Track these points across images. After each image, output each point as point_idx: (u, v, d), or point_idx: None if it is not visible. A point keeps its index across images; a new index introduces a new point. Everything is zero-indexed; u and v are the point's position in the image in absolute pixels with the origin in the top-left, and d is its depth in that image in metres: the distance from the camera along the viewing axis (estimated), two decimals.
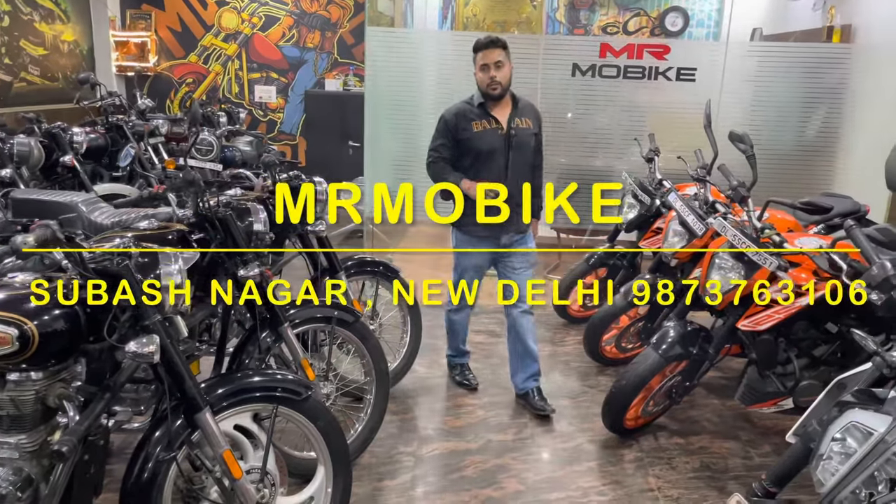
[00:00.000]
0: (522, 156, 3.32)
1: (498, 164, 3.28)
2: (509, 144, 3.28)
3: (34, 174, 4.80)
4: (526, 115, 3.34)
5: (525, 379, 3.55)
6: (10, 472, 1.87)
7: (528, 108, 3.40)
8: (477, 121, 3.28)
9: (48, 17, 7.60)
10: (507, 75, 3.23)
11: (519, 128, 3.30)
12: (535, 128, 3.37)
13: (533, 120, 3.37)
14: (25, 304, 1.81)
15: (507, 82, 3.24)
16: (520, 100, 3.36)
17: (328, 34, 8.61)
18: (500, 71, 3.20)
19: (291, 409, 2.22)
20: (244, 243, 2.60)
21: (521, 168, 3.32)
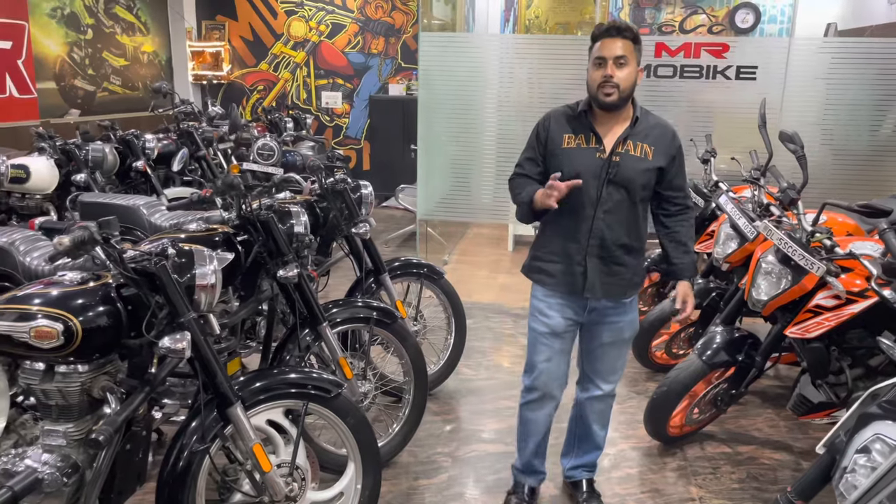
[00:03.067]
0: (622, 194, 2.35)
1: (585, 199, 2.36)
2: (606, 175, 2.34)
3: (109, 179, 5.10)
4: (647, 139, 2.36)
5: (576, 467, 2.82)
6: (58, 458, 2.00)
7: (657, 131, 2.38)
8: (571, 133, 2.40)
9: (129, 30, 8.04)
10: (629, 78, 2.28)
11: (627, 154, 2.34)
12: (657, 160, 2.36)
13: (658, 149, 2.36)
14: (71, 301, 1.94)
15: (629, 89, 2.29)
16: (645, 118, 2.39)
17: (392, 40, 8.76)
18: (622, 70, 2.26)
19: (321, 405, 2.29)
20: (285, 245, 2.69)
21: (619, 211, 2.36)
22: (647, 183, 2.39)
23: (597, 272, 2.42)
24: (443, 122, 5.53)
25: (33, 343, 1.89)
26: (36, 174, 4.26)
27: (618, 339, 2.57)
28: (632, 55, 2.29)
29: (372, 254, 3.41)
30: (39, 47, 6.67)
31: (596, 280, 2.43)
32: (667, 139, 2.40)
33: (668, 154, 2.39)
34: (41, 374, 1.98)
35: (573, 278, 2.44)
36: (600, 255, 2.40)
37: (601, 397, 2.67)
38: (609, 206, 2.36)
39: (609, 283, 2.44)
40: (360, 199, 3.43)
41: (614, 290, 2.45)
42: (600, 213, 2.37)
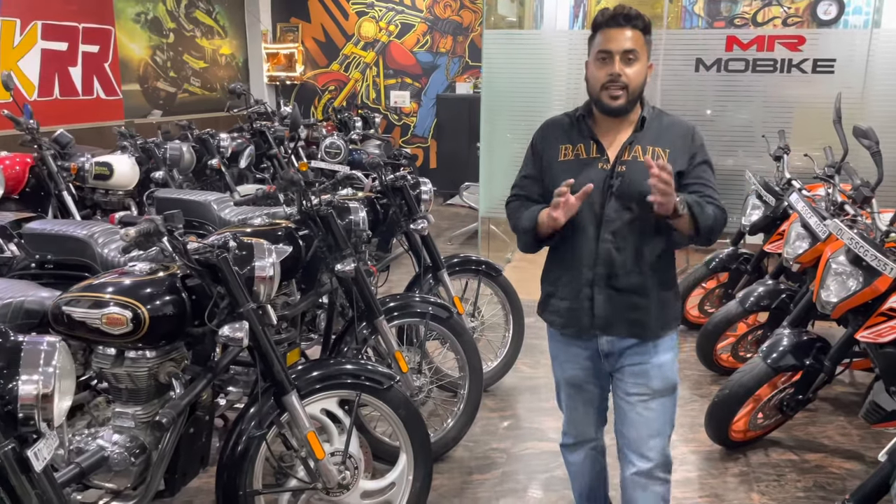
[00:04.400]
0: (632, 210, 1.95)
1: (588, 219, 1.97)
2: (609, 188, 1.96)
3: (186, 176, 5.32)
4: (660, 141, 1.98)
5: None
6: (126, 439, 2.12)
7: (672, 130, 2.00)
8: (568, 144, 2.03)
9: (208, 33, 8.36)
10: (639, 77, 1.91)
11: (635, 162, 1.94)
12: (676, 166, 1.93)
13: (674, 151, 1.97)
14: (140, 290, 2.06)
15: (639, 89, 1.93)
16: (657, 118, 2.02)
17: (460, 38, 8.80)
18: (631, 67, 1.89)
19: (374, 397, 2.34)
20: (344, 240, 2.75)
21: (629, 230, 1.96)
22: None
23: (607, 305, 1.99)
24: (507, 120, 5.53)
25: (105, 329, 2.01)
26: (118, 171, 4.49)
27: (645, 391, 2.03)
28: (642, 49, 1.91)
29: (430, 250, 3.45)
30: (125, 51, 7.03)
31: (607, 314, 2.00)
32: (685, 138, 2.00)
33: (688, 153, 1.98)
34: (112, 358, 2.10)
35: (580, 314, 2.03)
36: (610, 284, 1.98)
37: (642, 477, 2.08)
38: (616, 225, 1.95)
39: (625, 319, 2.00)
40: (419, 196, 3.47)
41: (633, 328, 2.01)
42: (606, 233, 1.96)
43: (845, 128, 3.33)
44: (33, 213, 3.43)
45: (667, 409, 2.08)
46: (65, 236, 2.94)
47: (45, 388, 1.36)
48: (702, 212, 1.91)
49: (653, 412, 2.05)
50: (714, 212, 1.96)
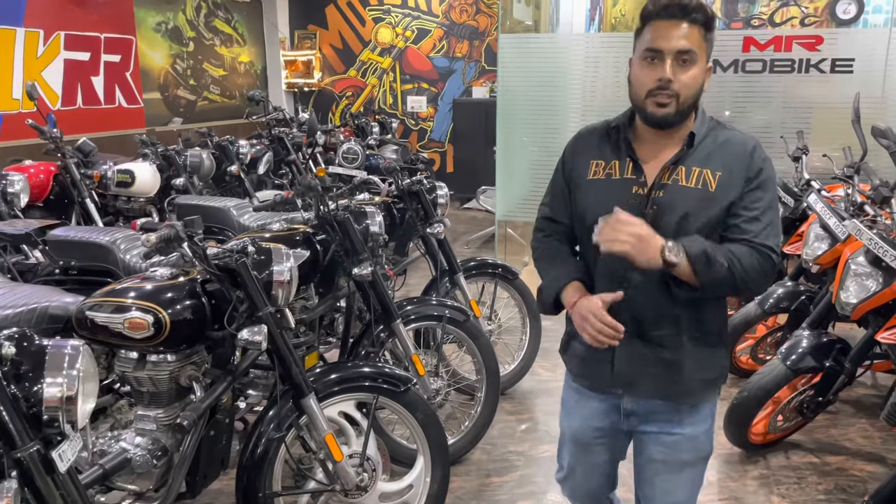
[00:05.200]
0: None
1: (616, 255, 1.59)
2: (645, 217, 1.59)
3: (206, 182, 5.40)
4: (710, 162, 1.62)
5: None
6: (148, 441, 2.15)
7: (728, 149, 1.63)
8: (600, 159, 1.71)
9: (227, 41, 8.47)
10: (695, 83, 1.57)
11: (677, 186, 1.62)
12: (725, 191, 1.60)
13: (727, 175, 1.61)
14: (161, 294, 2.09)
15: (692, 98, 1.59)
16: (712, 133, 1.65)
17: (476, 43, 8.83)
18: (685, 71, 1.56)
19: (392, 399, 2.36)
20: (361, 244, 2.78)
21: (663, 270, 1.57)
22: (706, 225, 1.60)
23: (630, 359, 1.68)
24: (523, 123, 5.54)
25: (127, 333, 2.05)
26: (140, 178, 4.57)
27: (672, 460, 1.74)
28: (701, 49, 1.56)
29: (447, 254, 3.47)
30: (146, 60, 7.14)
31: (629, 370, 1.69)
32: (743, 158, 1.62)
33: (743, 178, 1.61)
34: (134, 362, 2.14)
35: (599, 366, 1.72)
36: (637, 334, 1.65)
37: None
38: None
39: (652, 378, 1.68)
40: (435, 201, 3.50)
41: (661, 389, 1.69)
42: (636, 275, 1.62)
43: (864, 128, 3.30)
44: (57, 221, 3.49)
45: (695, 480, 1.79)
46: (88, 242, 3.00)
47: (69, 390, 1.40)
48: (707, 265, 1.54)
49: (679, 483, 1.77)
50: (736, 260, 1.56)
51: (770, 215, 1.61)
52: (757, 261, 1.58)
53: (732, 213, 1.61)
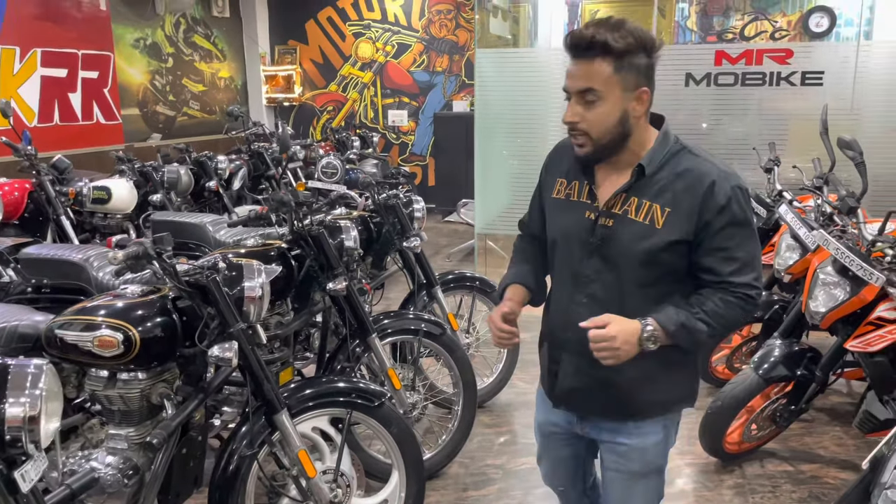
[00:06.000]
0: (615, 275, 1.62)
1: (568, 274, 1.69)
2: (591, 244, 1.64)
3: (184, 198, 5.38)
4: (662, 197, 1.57)
5: None
6: (119, 460, 2.13)
7: (683, 182, 1.57)
8: (564, 178, 1.72)
9: (207, 57, 8.47)
10: (606, 120, 1.54)
11: (625, 218, 1.60)
12: (670, 230, 1.56)
13: (676, 212, 1.56)
14: (131, 312, 2.08)
15: (609, 133, 1.56)
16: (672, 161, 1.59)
17: (456, 57, 8.89)
18: (591, 110, 1.54)
19: (366, 414, 2.36)
20: (335, 259, 2.78)
21: (610, 297, 1.63)
22: (650, 261, 1.58)
23: (574, 377, 1.71)
24: (502, 136, 5.58)
25: (97, 351, 2.04)
26: (116, 195, 4.55)
27: (623, 469, 1.75)
28: (609, 84, 1.51)
29: (424, 267, 3.48)
30: (124, 76, 7.12)
31: (571, 387, 1.72)
32: (693, 196, 1.54)
33: (698, 218, 1.54)
34: (105, 380, 2.12)
35: (549, 377, 1.79)
36: (582, 352, 1.59)
37: None
38: (594, 288, 1.64)
39: (592, 398, 1.70)
40: (411, 214, 3.51)
41: (603, 408, 1.72)
42: (582, 296, 1.66)
43: (832, 139, 3.37)
44: (31, 239, 3.47)
45: (650, 492, 1.81)
46: (60, 260, 2.98)
47: (31, 410, 1.39)
48: (689, 337, 1.57)
49: (631, 494, 1.80)
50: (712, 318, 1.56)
51: (746, 250, 1.57)
52: (734, 305, 1.57)
53: (705, 254, 1.57)
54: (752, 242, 1.59)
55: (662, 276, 1.61)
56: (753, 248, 1.59)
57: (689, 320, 1.56)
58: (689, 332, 1.56)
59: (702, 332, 1.56)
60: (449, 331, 3.09)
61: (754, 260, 1.59)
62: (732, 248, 1.56)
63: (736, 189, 1.55)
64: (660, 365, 1.64)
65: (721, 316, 1.57)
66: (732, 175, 1.58)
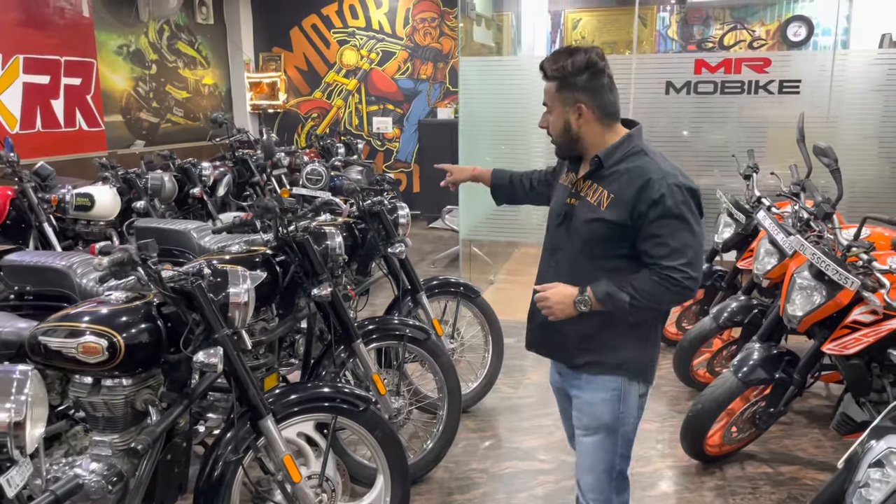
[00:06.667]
0: (573, 245, 1.99)
1: (546, 242, 2.15)
2: (560, 215, 2.05)
3: (168, 205, 5.37)
4: (610, 184, 1.90)
5: None
6: (104, 467, 2.13)
7: (627, 176, 1.87)
8: (567, 168, 2.13)
9: (191, 64, 8.45)
10: (555, 125, 1.98)
11: (584, 200, 1.95)
12: (610, 213, 1.88)
13: (618, 200, 1.87)
14: (116, 318, 2.09)
15: (561, 135, 1.98)
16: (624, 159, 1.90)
17: (440, 65, 8.94)
18: (549, 118, 2.00)
19: (350, 419, 2.37)
20: (320, 265, 2.80)
21: (567, 263, 2.01)
22: (594, 237, 1.93)
23: (538, 325, 2.11)
24: (486, 143, 5.63)
25: (81, 358, 2.04)
26: (99, 202, 4.53)
27: (579, 425, 2.08)
28: (553, 100, 1.95)
29: (409, 273, 3.50)
30: (107, 82, 7.09)
31: (537, 334, 2.14)
32: (634, 188, 1.84)
33: (633, 208, 1.84)
34: (89, 387, 2.12)
35: (529, 331, 2.20)
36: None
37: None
38: (559, 256, 2.05)
39: (549, 343, 2.11)
40: (396, 221, 3.53)
41: (554, 351, 2.12)
42: (552, 260, 2.08)
43: (808, 146, 3.44)
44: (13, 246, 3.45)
45: (599, 449, 2.03)
46: (44, 267, 2.97)
47: (17, 415, 1.40)
48: (612, 303, 1.88)
49: (585, 447, 2.06)
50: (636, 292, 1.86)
51: (677, 239, 1.84)
52: (658, 284, 1.86)
53: (642, 240, 1.87)
54: (685, 233, 1.85)
55: (606, 252, 1.93)
56: (685, 238, 1.84)
57: (616, 292, 1.88)
58: (613, 301, 1.89)
59: (624, 302, 1.88)
60: (434, 336, 3.11)
61: (686, 248, 1.84)
62: (664, 235, 1.84)
63: (672, 186, 1.84)
64: (596, 328, 1.97)
65: (646, 291, 1.86)
66: (672, 175, 1.86)
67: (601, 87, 1.91)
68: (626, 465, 2.08)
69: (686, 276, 1.83)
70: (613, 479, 2.06)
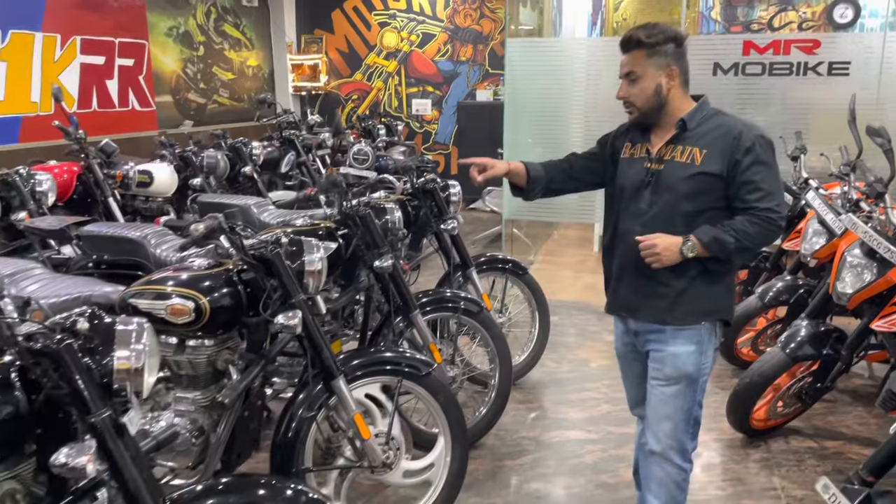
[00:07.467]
0: (663, 206, 2.11)
1: (625, 212, 2.21)
2: (645, 184, 2.14)
3: (220, 183, 5.54)
4: (700, 142, 2.07)
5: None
6: (187, 421, 2.29)
7: (717, 132, 2.06)
8: (629, 142, 2.24)
9: (236, 46, 8.62)
10: (644, 93, 2.09)
11: (672, 161, 2.09)
12: (708, 164, 2.04)
13: (712, 153, 2.04)
14: (201, 283, 2.24)
15: (648, 102, 2.09)
16: (708, 120, 2.10)
17: (480, 47, 8.99)
18: (633, 87, 2.10)
19: (414, 382, 2.50)
20: (381, 238, 2.92)
21: (658, 224, 2.10)
22: (692, 192, 2.06)
23: (631, 288, 2.20)
24: (529, 126, 5.69)
25: (169, 319, 2.19)
26: (158, 179, 4.71)
27: (658, 376, 2.18)
28: (644, 66, 2.06)
29: (459, 249, 3.61)
30: (158, 64, 7.28)
31: (629, 298, 2.22)
32: (727, 139, 2.03)
33: (729, 158, 2.02)
34: (174, 347, 2.28)
35: (613, 294, 2.29)
36: (637, 271, 2.15)
37: (653, 456, 2.23)
38: (646, 218, 2.13)
39: (644, 304, 2.17)
40: (448, 198, 3.64)
41: (650, 311, 2.17)
42: (636, 225, 2.14)
43: (859, 127, 3.46)
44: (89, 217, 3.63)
45: (679, 397, 2.16)
46: (119, 237, 3.15)
47: (136, 362, 1.54)
48: (720, 248, 2.02)
49: (665, 397, 2.17)
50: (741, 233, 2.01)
51: (767, 183, 2.03)
52: (758, 224, 2.03)
53: (737, 187, 2.04)
54: (773, 178, 2.05)
55: (702, 205, 2.07)
56: (774, 182, 2.05)
57: (720, 234, 2.02)
58: (719, 243, 2.02)
59: (730, 244, 2.01)
60: (485, 310, 3.22)
61: (776, 190, 2.05)
62: (757, 181, 2.02)
63: (758, 137, 2.04)
64: (699, 279, 2.10)
65: (746, 232, 2.02)
66: (756, 127, 2.08)
67: (684, 55, 2.11)
68: (700, 412, 2.24)
69: (779, 215, 2.03)
70: (690, 426, 2.21)
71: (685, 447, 2.21)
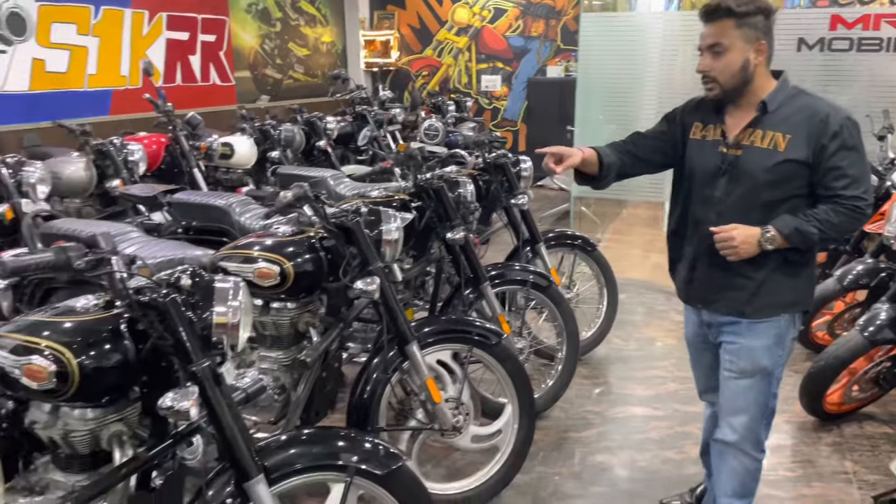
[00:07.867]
0: (742, 195, 1.99)
1: (700, 199, 2.10)
2: (722, 172, 2.03)
3: (296, 156, 5.72)
4: (783, 126, 1.94)
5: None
6: (271, 379, 2.43)
7: (801, 115, 1.93)
8: (700, 122, 2.12)
9: (311, 22, 8.78)
10: (729, 68, 1.94)
11: (752, 147, 1.97)
12: (793, 151, 1.92)
13: (797, 138, 1.91)
14: (285, 248, 2.36)
15: (732, 79, 1.95)
16: (790, 100, 1.96)
17: (552, 22, 8.89)
18: (718, 60, 1.94)
19: (484, 351, 2.57)
20: (454, 211, 2.99)
21: (735, 214, 1.99)
22: (775, 180, 1.94)
23: (706, 280, 2.11)
24: (601, 102, 5.63)
25: (255, 281, 2.32)
26: (239, 151, 4.90)
27: (733, 368, 2.11)
28: (731, 38, 1.91)
29: (529, 224, 3.64)
30: (237, 40, 7.51)
31: (705, 289, 2.13)
32: (813, 123, 1.90)
33: (815, 143, 1.89)
34: (259, 308, 2.42)
35: (687, 286, 2.20)
36: (713, 261, 2.05)
37: (722, 446, 2.20)
38: (724, 206, 2.02)
39: (721, 296, 2.08)
40: (519, 173, 3.67)
41: (727, 303, 2.08)
42: (712, 214, 2.04)
43: None
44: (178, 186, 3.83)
45: (753, 390, 2.09)
46: (207, 205, 3.32)
47: (233, 318, 1.66)
48: (802, 239, 1.92)
49: (739, 389, 2.11)
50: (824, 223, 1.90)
51: (855, 169, 1.90)
52: (843, 214, 1.91)
53: (822, 174, 1.91)
54: (860, 163, 1.92)
55: (785, 193, 1.96)
56: (861, 168, 1.92)
57: (802, 225, 1.92)
58: (801, 235, 1.92)
59: (813, 234, 1.92)
60: (554, 284, 3.26)
61: (863, 176, 1.91)
62: (844, 167, 1.89)
63: (845, 120, 1.91)
64: (780, 270, 2.00)
65: (830, 222, 1.91)
66: (842, 109, 1.94)
67: (771, 29, 1.96)
68: (776, 402, 2.19)
69: (866, 202, 1.92)
70: (764, 417, 2.16)
71: (759, 438, 2.17)
